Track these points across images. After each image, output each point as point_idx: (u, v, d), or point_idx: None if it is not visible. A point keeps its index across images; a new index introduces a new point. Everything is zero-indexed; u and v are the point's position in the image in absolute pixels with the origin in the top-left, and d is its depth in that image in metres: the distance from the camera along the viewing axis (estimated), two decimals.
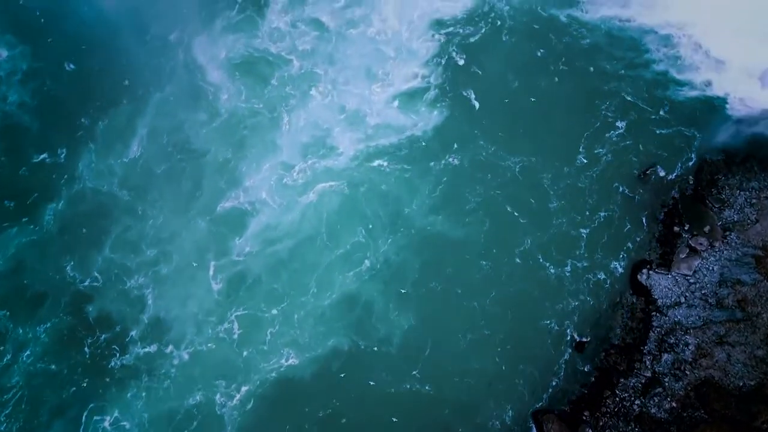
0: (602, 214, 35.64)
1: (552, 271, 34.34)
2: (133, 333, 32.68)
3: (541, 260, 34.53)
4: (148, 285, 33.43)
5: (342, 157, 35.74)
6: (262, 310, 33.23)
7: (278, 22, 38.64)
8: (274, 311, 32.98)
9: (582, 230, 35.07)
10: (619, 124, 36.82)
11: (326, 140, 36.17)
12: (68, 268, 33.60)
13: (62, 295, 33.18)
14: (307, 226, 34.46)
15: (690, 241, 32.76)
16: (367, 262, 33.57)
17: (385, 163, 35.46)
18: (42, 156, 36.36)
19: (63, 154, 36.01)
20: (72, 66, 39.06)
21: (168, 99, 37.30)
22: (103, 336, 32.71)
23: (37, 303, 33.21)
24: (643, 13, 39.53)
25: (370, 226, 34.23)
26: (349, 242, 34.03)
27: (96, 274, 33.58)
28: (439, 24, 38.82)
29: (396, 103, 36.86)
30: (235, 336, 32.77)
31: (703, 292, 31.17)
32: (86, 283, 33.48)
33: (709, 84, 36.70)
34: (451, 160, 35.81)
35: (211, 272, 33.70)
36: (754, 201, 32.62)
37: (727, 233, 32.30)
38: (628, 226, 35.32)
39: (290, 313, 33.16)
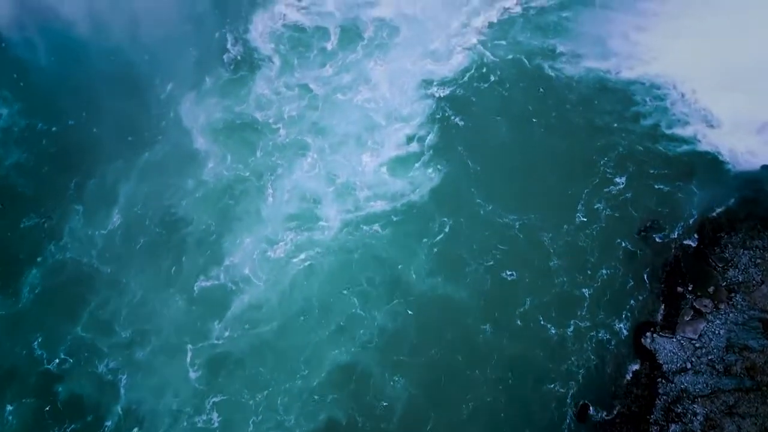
0: (604, 271, 34.92)
1: (553, 332, 33.49)
2: (107, 423, 30.85)
3: (542, 322, 33.68)
4: (121, 369, 31.70)
5: (331, 227, 34.89)
6: (244, 397, 31.41)
7: (267, 88, 38.53)
8: (258, 397, 31.30)
9: (584, 289, 34.31)
10: (617, 179, 36.33)
11: (314, 211, 35.36)
12: (36, 344, 32.15)
13: (29, 375, 31.66)
14: (294, 302, 33.16)
15: (694, 303, 32.04)
16: (362, 333, 32.43)
17: (379, 228, 34.78)
18: (31, 220, 35.78)
19: (50, 221, 35.42)
20: (69, 122, 38.86)
21: (155, 160, 36.83)
22: (72, 426, 30.80)
23: (3, 382, 31.55)
24: (625, 66, 39.60)
25: (365, 295, 33.25)
26: (343, 314, 32.86)
27: (65, 356, 31.88)
28: (429, 85, 38.82)
29: (387, 169, 36.38)
30: (215, 425, 31.01)
31: (709, 357, 30.38)
32: (55, 363, 31.83)
33: (705, 137, 36.38)
34: (447, 220, 35.17)
35: (188, 357, 31.97)
36: (758, 261, 31.99)
37: (732, 294, 31.61)
38: (631, 283, 34.59)
39: (275, 398, 31.41)
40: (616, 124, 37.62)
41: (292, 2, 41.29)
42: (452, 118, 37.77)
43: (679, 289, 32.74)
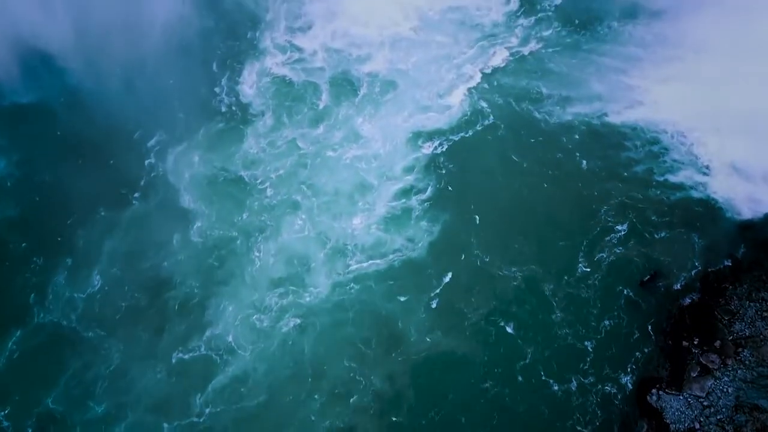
0: (607, 322, 34.09)
1: (557, 387, 32.54)
2: None
3: (545, 377, 32.73)
4: None
5: (322, 289, 33.62)
6: None
7: (256, 144, 37.86)
8: None
9: (587, 342, 33.47)
10: (618, 227, 35.66)
11: (304, 274, 34.18)
12: (2, 415, 30.32)
13: None
14: (283, 370, 31.58)
15: (701, 358, 31.21)
16: (357, 398, 31.11)
17: (374, 285, 33.80)
18: (15, 278, 34.73)
19: (37, 279, 34.28)
20: (60, 173, 38.05)
21: (141, 215, 36.02)
22: None
23: None
24: (618, 110, 39.40)
25: (361, 356, 32.09)
26: (337, 379, 31.44)
27: None
28: (422, 138, 38.34)
29: (381, 226, 35.54)
30: None
31: (718, 417, 29.50)
32: None
33: (705, 184, 35.85)
34: (446, 274, 34.36)
35: None
36: (765, 314, 31.25)
37: (740, 350, 30.81)
38: (636, 335, 33.74)
39: None
40: (613, 170, 37.19)
41: (281, 57, 41.11)
42: (447, 170, 37.22)
43: (685, 343, 31.93)
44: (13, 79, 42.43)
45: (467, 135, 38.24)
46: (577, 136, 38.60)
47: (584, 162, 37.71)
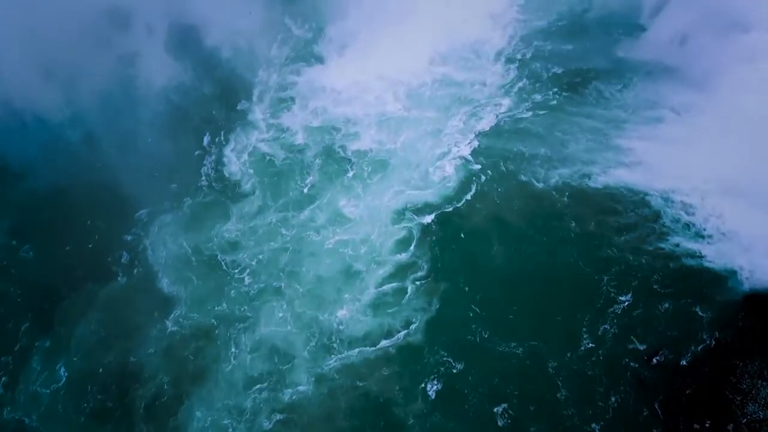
0: (613, 399, 32.68)
1: None
2: None
3: None
4: None
5: (305, 387, 31.65)
6: None
7: (237, 226, 36.57)
8: None
9: (594, 424, 32.03)
10: (621, 297, 34.55)
11: (285, 372, 31.98)
12: None
13: None
14: None
15: None
16: None
17: (367, 371, 32.09)
18: None
19: (9, 369, 32.66)
20: (44, 243, 37.15)
21: (114, 298, 34.59)
22: None
23: None
24: (603, 172, 38.61)
25: None
26: None
27: None
28: (410, 214, 37.34)
29: (370, 313, 33.88)
30: None
31: None
32: None
33: (711, 251, 34.87)
34: (443, 354, 32.90)
35: None
36: None
37: None
38: (645, 413, 32.35)
39: None
40: (608, 237, 36.23)
41: (269, 134, 40.48)
42: (440, 244, 36.16)
43: (696, 425, 30.50)
44: (4, 143, 42.06)
45: (459, 206, 37.36)
46: (566, 200, 37.83)
47: (578, 228, 36.74)
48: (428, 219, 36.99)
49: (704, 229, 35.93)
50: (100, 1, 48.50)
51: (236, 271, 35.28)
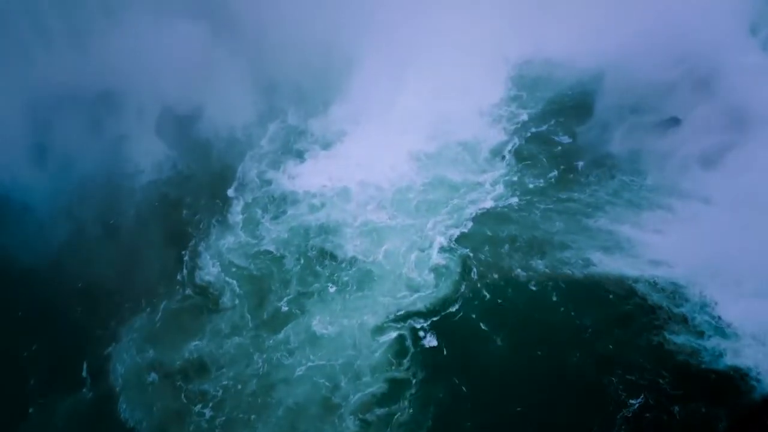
0: None
1: None
2: None
3: None
4: None
5: None
6: None
7: (200, 346, 33.50)
8: None
9: None
10: (631, 401, 32.15)
11: None
12: None
13: None
14: None
15: None
16: None
17: None
18: None
19: None
20: (14, 349, 34.68)
21: (72, 419, 31.62)
22: None
23: None
24: (597, 261, 36.89)
25: None
26: None
27: None
28: (395, 325, 34.79)
29: None
30: None
31: None
32: None
33: (733, 353, 32.78)
34: None
35: None
36: None
37: None
38: None
39: None
40: (609, 332, 34.05)
41: (246, 241, 38.72)
42: (431, 354, 33.55)
43: None
44: None
45: (449, 311, 35.15)
46: (559, 291, 35.94)
47: (577, 322, 34.59)
48: (417, 328, 34.63)
49: (705, 322, 34.21)
50: (96, 84, 48.74)
51: (200, 405, 32.08)
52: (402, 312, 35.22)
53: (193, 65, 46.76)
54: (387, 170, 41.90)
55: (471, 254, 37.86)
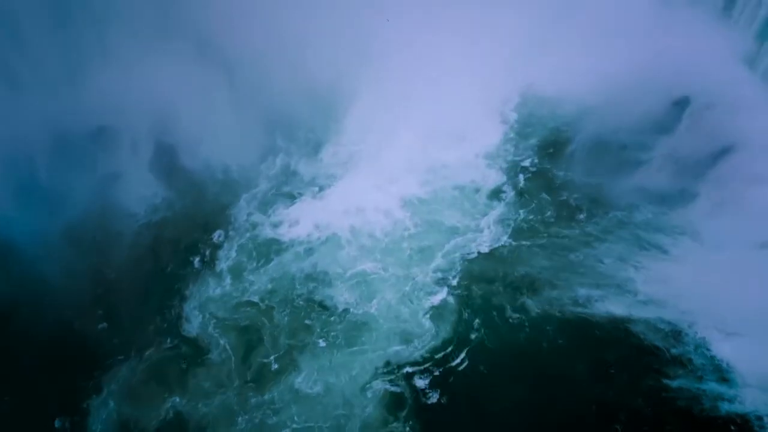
0: None
1: None
2: None
3: None
4: None
5: None
6: None
7: (190, 407, 31.99)
8: None
9: None
10: None
11: None
12: None
13: None
14: None
15: None
16: None
17: None
18: None
19: None
20: None
21: None
22: None
23: None
24: (596, 300, 36.21)
25: None
26: None
27: None
28: (391, 379, 33.82)
29: None
30: None
31: None
32: None
33: (731, 393, 32.13)
34: None
35: None
36: None
37: None
38: None
39: None
40: (609, 377, 33.29)
41: (235, 291, 37.60)
42: (431, 409, 32.60)
43: None
44: None
45: (449, 360, 34.43)
46: (558, 329, 35.43)
47: (577, 367, 33.81)
48: (412, 379, 33.80)
49: (702, 365, 33.62)
50: (89, 121, 48.36)
51: None
52: (394, 364, 34.37)
53: (190, 103, 46.75)
54: (380, 217, 41.29)
55: (466, 299, 37.21)
